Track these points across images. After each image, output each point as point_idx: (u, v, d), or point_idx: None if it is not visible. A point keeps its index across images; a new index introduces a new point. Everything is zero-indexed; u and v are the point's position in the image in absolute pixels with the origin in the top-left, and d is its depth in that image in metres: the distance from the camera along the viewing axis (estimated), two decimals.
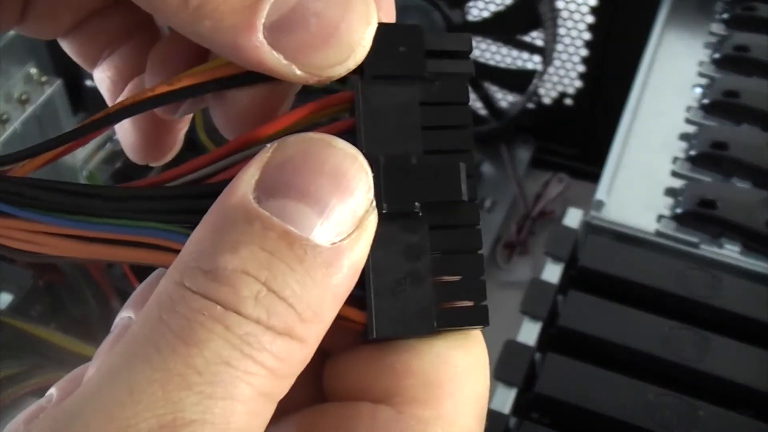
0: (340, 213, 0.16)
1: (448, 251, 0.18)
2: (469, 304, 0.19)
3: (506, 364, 0.42)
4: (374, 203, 0.17)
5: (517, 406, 0.42)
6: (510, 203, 0.70)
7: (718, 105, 0.53)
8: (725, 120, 0.53)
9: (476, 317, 0.19)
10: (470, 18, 0.68)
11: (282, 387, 0.16)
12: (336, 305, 0.16)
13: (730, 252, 0.47)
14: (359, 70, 0.18)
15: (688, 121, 0.54)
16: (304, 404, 0.18)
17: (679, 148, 0.52)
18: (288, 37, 0.17)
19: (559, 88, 0.71)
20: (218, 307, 0.15)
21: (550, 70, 0.69)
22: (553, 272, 0.46)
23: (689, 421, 0.39)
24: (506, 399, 0.41)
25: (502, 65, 0.71)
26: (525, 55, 0.69)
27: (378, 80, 0.18)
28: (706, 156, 0.51)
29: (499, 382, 0.42)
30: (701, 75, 0.56)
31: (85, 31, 0.23)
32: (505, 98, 0.73)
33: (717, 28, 0.59)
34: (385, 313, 0.18)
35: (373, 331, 0.17)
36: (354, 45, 0.17)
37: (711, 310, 0.44)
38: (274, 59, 0.17)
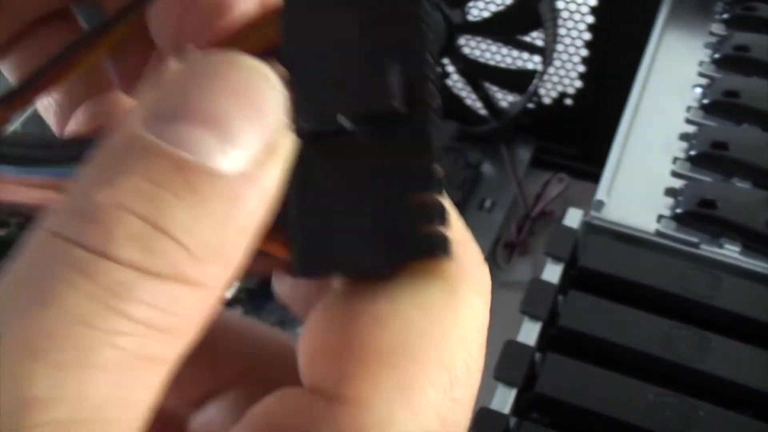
0: (247, 136, 0.14)
1: (392, 171, 0.15)
2: (425, 229, 0.15)
3: (506, 364, 0.42)
4: (290, 124, 0.15)
5: (517, 406, 0.42)
6: (510, 203, 0.70)
7: (718, 105, 0.53)
8: (725, 120, 0.53)
9: (432, 245, 0.15)
10: (470, 18, 0.68)
11: (175, 345, 0.13)
12: (243, 242, 0.14)
13: (730, 252, 0.47)
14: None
15: (688, 121, 0.54)
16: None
17: (679, 148, 0.52)
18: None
19: (559, 88, 0.71)
20: (83, 252, 0.13)
21: (550, 70, 0.69)
22: (553, 272, 0.46)
23: (689, 421, 0.39)
24: (506, 399, 0.41)
25: (502, 65, 0.71)
26: (525, 55, 0.69)
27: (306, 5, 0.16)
28: (706, 156, 0.51)
29: (499, 382, 0.42)
30: (701, 75, 0.56)
31: (26, 47, 0.21)
32: (505, 98, 0.73)
33: (717, 28, 0.59)
34: (314, 248, 0.15)
35: (298, 268, 0.15)
36: None
37: (711, 310, 0.44)
38: None
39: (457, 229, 0.16)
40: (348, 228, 0.15)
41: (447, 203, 0.15)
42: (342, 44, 0.15)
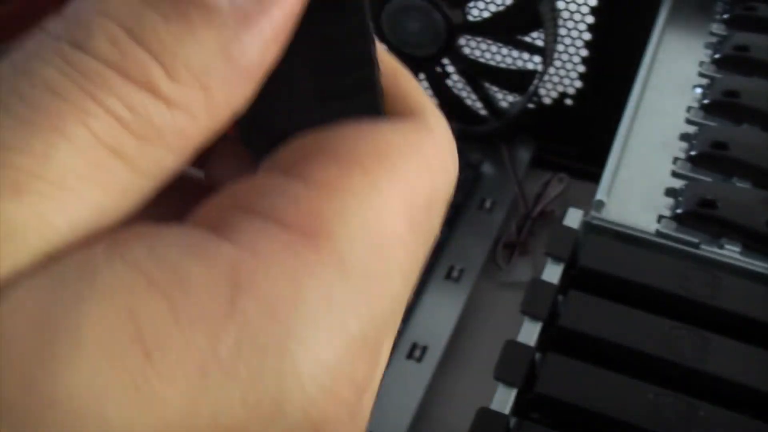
0: None
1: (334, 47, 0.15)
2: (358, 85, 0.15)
3: (506, 364, 0.42)
4: None
5: (517, 406, 0.42)
6: (510, 203, 0.70)
7: (719, 105, 0.53)
8: (725, 120, 0.53)
9: (367, 102, 0.16)
10: (470, 18, 0.68)
11: (145, 152, 0.13)
12: (233, 79, 0.14)
13: (731, 252, 0.47)
14: None
15: (689, 121, 0.54)
16: None
17: (680, 148, 0.52)
18: None
19: (560, 88, 0.71)
20: (65, 44, 0.13)
21: (551, 70, 0.69)
22: (553, 272, 0.46)
23: (689, 421, 0.39)
24: (506, 399, 0.41)
25: (502, 65, 0.71)
26: (525, 55, 0.69)
27: None
28: (707, 156, 0.51)
29: (499, 382, 0.42)
30: (701, 75, 0.56)
31: None
32: (505, 98, 0.73)
33: (717, 28, 0.59)
34: (253, 114, 0.15)
35: (241, 135, 0.15)
36: None
37: (711, 310, 0.44)
38: None
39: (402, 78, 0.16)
40: (286, 91, 0.15)
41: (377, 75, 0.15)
42: None
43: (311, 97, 0.15)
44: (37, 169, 0.12)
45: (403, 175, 0.15)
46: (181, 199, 0.17)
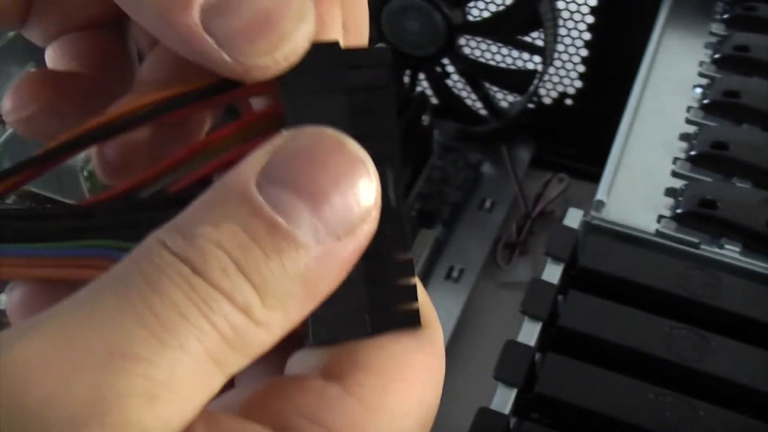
0: (335, 215, 0.16)
1: (380, 259, 0.18)
2: (402, 307, 0.19)
3: (506, 364, 0.42)
4: (374, 213, 0.17)
5: (517, 406, 0.42)
6: (510, 203, 0.70)
7: (719, 105, 0.53)
8: (725, 120, 0.53)
9: (408, 320, 0.19)
10: (470, 18, 0.68)
11: (234, 361, 0.16)
12: (306, 302, 0.17)
13: (731, 252, 0.47)
14: (284, 84, 0.18)
15: (689, 121, 0.54)
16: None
17: (680, 148, 0.52)
18: (222, 20, 0.17)
19: (560, 88, 0.71)
20: (186, 267, 0.16)
21: (551, 70, 0.69)
22: (553, 272, 0.46)
23: (689, 421, 0.39)
24: (506, 399, 0.41)
25: (502, 65, 0.71)
26: (525, 55, 0.69)
27: (303, 94, 0.18)
28: (707, 156, 0.51)
29: (499, 382, 0.42)
30: (701, 75, 0.56)
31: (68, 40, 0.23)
32: (505, 98, 0.73)
33: (717, 28, 0.59)
34: (322, 319, 0.18)
35: (309, 336, 0.18)
36: (284, 36, 0.17)
37: (711, 310, 0.44)
38: (205, 41, 0.17)
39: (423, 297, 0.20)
40: (345, 303, 0.18)
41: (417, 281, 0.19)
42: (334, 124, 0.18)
43: (364, 304, 0.18)
44: (165, 380, 0.15)
45: (420, 392, 0.18)
46: None
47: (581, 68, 0.69)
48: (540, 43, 0.66)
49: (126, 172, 0.21)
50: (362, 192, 0.17)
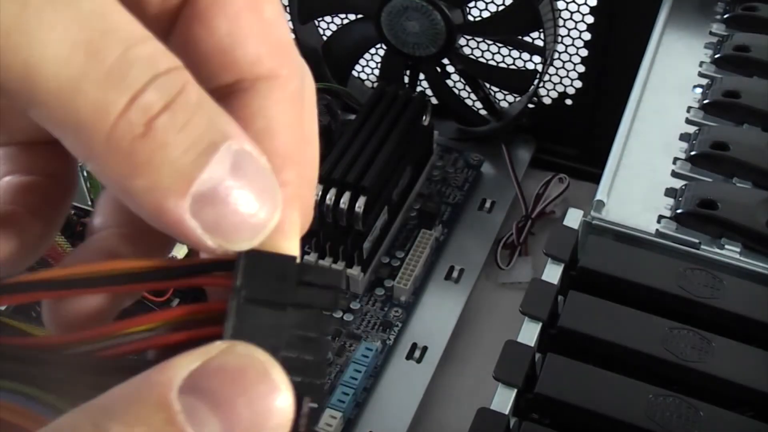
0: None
1: None
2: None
3: (506, 365, 0.42)
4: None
5: (517, 406, 0.42)
6: (510, 203, 0.70)
7: (719, 105, 0.53)
8: (726, 120, 0.53)
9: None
10: (470, 18, 0.68)
11: None
12: None
13: (731, 252, 0.47)
14: (235, 289, 0.19)
15: (689, 121, 0.54)
16: None
17: (680, 148, 0.52)
18: (209, 210, 0.17)
19: (560, 88, 0.71)
20: None
21: (551, 70, 0.69)
22: (553, 273, 0.46)
23: (689, 422, 0.39)
24: (506, 399, 0.41)
25: (502, 65, 0.71)
26: (525, 55, 0.69)
27: (250, 300, 0.19)
28: (707, 156, 0.51)
29: (499, 383, 0.42)
30: (702, 75, 0.56)
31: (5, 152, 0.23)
32: (505, 98, 0.73)
33: (717, 28, 0.59)
34: None
35: None
36: (264, 229, 0.18)
37: (711, 311, 0.44)
38: (191, 227, 0.17)
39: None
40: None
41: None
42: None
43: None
44: None
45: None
46: None
47: (581, 68, 0.69)
48: (540, 43, 0.66)
49: (72, 326, 0.21)
50: (276, 421, 0.17)
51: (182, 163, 0.17)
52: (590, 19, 0.66)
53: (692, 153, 0.51)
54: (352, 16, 0.71)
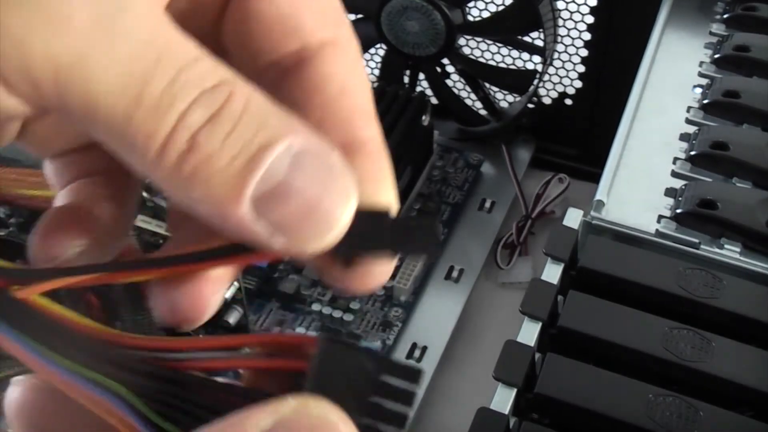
0: None
1: None
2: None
3: (506, 364, 0.42)
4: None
5: (517, 406, 0.42)
6: (510, 203, 0.70)
7: (719, 105, 0.53)
8: (726, 120, 0.53)
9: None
10: (470, 18, 0.68)
11: None
12: None
13: (731, 252, 0.47)
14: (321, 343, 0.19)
15: (689, 121, 0.54)
16: None
17: (680, 148, 0.52)
18: (272, 210, 0.17)
19: (560, 88, 0.71)
20: None
21: (551, 70, 0.69)
22: (553, 272, 0.46)
23: (689, 422, 0.39)
24: (506, 399, 0.41)
25: (502, 65, 0.71)
26: (525, 55, 0.69)
27: (338, 343, 0.19)
28: (707, 156, 0.51)
29: (499, 382, 0.42)
30: (701, 75, 0.56)
31: (67, 158, 0.23)
32: (505, 98, 0.73)
33: (717, 28, 0.59)
34: None
35: None
36: (332, 222, 0.18)
37: (711, 311, 0.44)
38: (257, 230, 0.17)
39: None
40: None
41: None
42: (353, 400, 0.18)
43: None
44: None
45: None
46: None
47: (581, 68, 0.69)
48: (540, 43, 0.66)
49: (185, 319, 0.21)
50: None
51: (231, 171, 0.17)
52: (590, 19, 0.66)
53: (692, 153, 0.51)
54: (351, 16, 0.71)
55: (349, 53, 0.20)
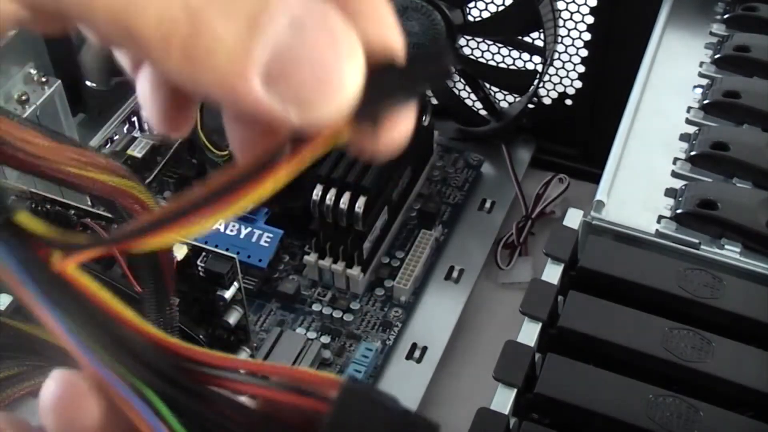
0: None
1: None
2: None
3: (506, 365, 0.42)
4: None
5: (517, 406, 0.42)
6: (510, 203, 0.70)
7: (719, 105, 0.53)
8: (726, 120, 0.53)
9: None
10: (470, 18, 0.68)
11: None
12: None
13: (731, 252, 0.47)
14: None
15: (689, 122, 0.54)
16: None
17: (680, 149, 0.52)
18: (282, 81, 0.17)
19: (560, 88, 0.71)
20: None
21: (551, 70, 0.69)
22: (553, 273, 0.46)
23: (689, 422, 0.39)
24: (506, 399, 0.41)
25: (502, 65, 0.71)
26: (525, 55, 0.69)
27: (359, 393, 0.19)
28: (707, 156, 0.51)
29: (499, 383, 0.42)
30: (702, 75, 0.56)
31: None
32: (505, 98, 0.73)
33: (717, 28, 0.59)
34: None
35: None
36: (343, 83, 0.17)
37: (711, 311, 0.44)
38: (270, 105, 0.17)
39: None
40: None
41: None
42: None
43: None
44: None
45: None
46: None
47: (581, 68, 0.69)
48: (540, 43, 0.66)
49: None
50: None
51: (233, 44, 0.17)
52: (590, 19, 0.66)
53: (692, 153, 0.51)
54: None
55: None
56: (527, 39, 0.68)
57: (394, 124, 0.19)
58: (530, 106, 0.70)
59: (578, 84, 0.70)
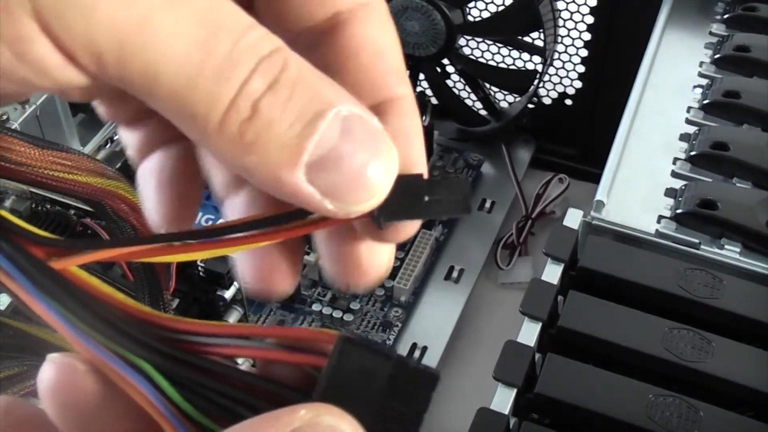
0: None
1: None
2: None
3: (506, 365, 0.42)
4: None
5: (517, 406, 0.42)
6: (510, 203, 0.70)
7: (719, 105, 0.53)
8: (726, 120, 0.53)
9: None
10: (470, 18, 0.68)
11: None
12: None
13: (731, 252, 0.47)
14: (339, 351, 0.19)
15: (689, 122, 0.54)
16: None
17: (680, 149, 0.52)
18: (324, 175, 0.18)
19: (560, 88, 0.71)
20: None
21: (550, 70, 0.69)
22: (553, 273, 0.46)
23: (689, 422, 0.39)
24: (506, 399, 0.41)
25: (502, 65, 0.71)
26: (525, 55, 0.69)
27: (356, 344, 0.19)
28: (707, 156, 0.51)
29: (499, 383, 0.42)
30: (702, 75, 0.56)
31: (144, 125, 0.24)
32: (505, 98, 0.72)
33: (717, 28, 0.59)
34: None
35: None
36: (377, 188, 0.19)
37: (711, 311, 0.44)
38: (310, 194, 0.18)
39: None
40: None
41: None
42: (366, 401, 0.19)
43: None
44: None
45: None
46: None
47: (581, 68, 0.69)
48: (540, 43, 0.66)
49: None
50: None
51: (289, 137, 0.18)
52: (590, 19, 0.66)
53: (692, 153, 0.51)
54: None
55: (380, 13, 0.21)
56: (527, 39, 0.68)
57: (401, 227, 0.21)
58: (530, 106, 0.70)
59: (578, 84, 0.70)
